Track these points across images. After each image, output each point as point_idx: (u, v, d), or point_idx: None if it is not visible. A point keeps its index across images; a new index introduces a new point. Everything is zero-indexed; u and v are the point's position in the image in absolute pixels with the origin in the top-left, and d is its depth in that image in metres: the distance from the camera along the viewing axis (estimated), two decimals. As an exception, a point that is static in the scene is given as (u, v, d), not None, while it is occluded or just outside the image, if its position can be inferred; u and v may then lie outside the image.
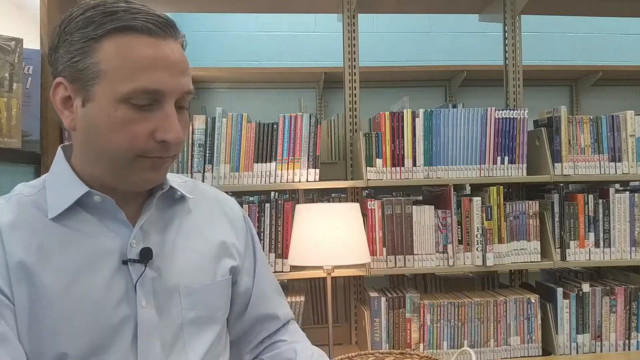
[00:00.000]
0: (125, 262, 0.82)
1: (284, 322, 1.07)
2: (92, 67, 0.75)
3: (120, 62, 0.75)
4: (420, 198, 2.18)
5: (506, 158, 1.94)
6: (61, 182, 0.83)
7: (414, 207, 1.91)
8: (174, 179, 0.95)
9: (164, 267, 0.86)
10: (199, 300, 0.89)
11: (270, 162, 1.87)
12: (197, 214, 0.95)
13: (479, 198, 1.92)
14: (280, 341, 1.04)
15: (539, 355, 1.91)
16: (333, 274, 1.75)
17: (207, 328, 0.91)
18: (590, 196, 1.97)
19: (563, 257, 1.95)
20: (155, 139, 0.78)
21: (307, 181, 1.87)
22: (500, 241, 1.92)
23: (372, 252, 1.87)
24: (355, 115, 2.06)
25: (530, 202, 1.96)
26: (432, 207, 1.91)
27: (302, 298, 1.90)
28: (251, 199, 1.96)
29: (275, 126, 1.88)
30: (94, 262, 0.80)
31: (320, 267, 1.73)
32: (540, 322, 1.92)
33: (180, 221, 0.92)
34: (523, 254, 1.95)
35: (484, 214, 1.91)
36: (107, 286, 0.80)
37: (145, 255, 0.83)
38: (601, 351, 1.93)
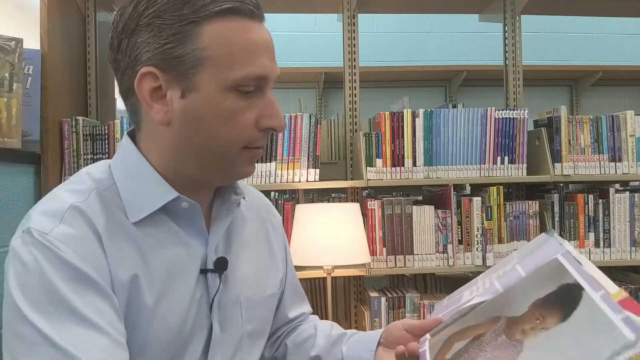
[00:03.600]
0: (202, 272, 0.76)
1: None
2: (194, 53, 0.67)
3: (229, 48, 0.68)
4: (420, 198, 2.18)
5: (506, 158, 1.94)
6: (140, 181, 0.74)
7: (414, 207, 1.91)
8: None
9: (229, 278, 0.80)
10: (257, 312, 0.85)
11: (270, 162, 1.86)
12: (250, 222, 0.89)
13: (479, 198, 1.92)
14: (298, 324, 1.00)
15: (539, 355, 1.91)
16: (333, 274, 1.75)
17: (259, 342, 0.87)
18: (590, 196, 1.97)
19: (563, 257, 1.95)
20: (259, 127, 0.72)
21: (307, 181, 1.87)
22: (500, 241, 1.92)
23: (372, 252, 1.87)
24: (355, 115, 2.06)
25: (530, 202, 1.96)
26: (432, 207, 1.91)
27: (302, 298, 1.90)
28: (251, 199, 1.96)
29: (275, 126, 1.87)
30: (176, 273, 0.74)
31: (320, 267, 1.73)
32: (540, 322, 1.92)
33: (239, 229, 0.85)
34: (523, 254, 1.94)
35: (484, 214, 1.91)
36: (190, 298, 0.75)
37: (221, 266, 0.77)
38: (601, 351, 1.93)
